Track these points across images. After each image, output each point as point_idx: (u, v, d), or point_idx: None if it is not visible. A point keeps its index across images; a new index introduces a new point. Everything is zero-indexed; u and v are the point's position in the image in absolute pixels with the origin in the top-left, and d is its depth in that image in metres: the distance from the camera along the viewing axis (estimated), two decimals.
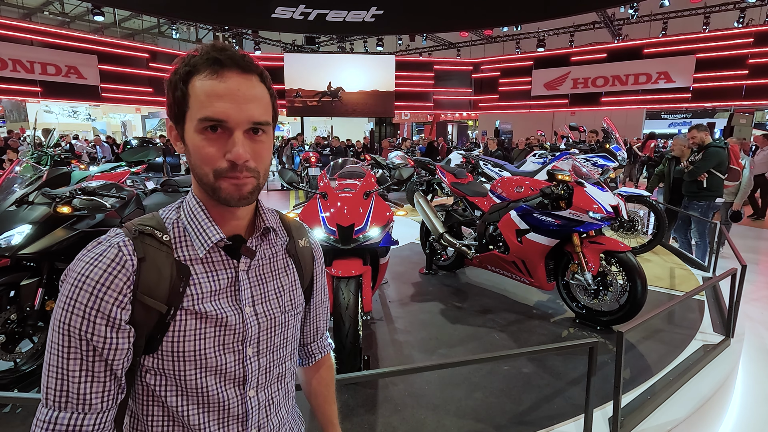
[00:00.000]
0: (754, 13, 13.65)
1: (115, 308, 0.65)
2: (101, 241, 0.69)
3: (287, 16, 13.41)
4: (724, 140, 5.04)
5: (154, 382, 0.71)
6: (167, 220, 0.75)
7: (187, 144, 0.70)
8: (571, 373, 2.60)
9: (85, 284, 0.64)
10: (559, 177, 3.14)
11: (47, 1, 17.01)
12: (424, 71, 18.76)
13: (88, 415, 0.65)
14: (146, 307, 0.67)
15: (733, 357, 2.83)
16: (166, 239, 0.71)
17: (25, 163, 2.76)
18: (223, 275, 0.74)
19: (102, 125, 21.01)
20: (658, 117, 24.35)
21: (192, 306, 0.70)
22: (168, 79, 0.71)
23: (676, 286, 4.02)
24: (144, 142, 6.63)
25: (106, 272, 0.65)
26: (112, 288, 0.65)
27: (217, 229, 0.73)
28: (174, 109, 0.70)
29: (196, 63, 0.68)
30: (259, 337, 0.77)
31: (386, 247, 2.77)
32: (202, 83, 0.67)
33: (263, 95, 0.71)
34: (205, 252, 0.72)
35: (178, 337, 0.69)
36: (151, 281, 0.68)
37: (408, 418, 2.19)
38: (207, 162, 0.68)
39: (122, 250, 0.67)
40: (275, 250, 0.82)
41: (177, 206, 0.77)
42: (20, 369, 2.43)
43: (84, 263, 0.65)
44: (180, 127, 0.71)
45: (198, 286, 0.71)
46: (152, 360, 0.70)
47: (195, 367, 0.71)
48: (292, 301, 0.83)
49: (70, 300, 0.64)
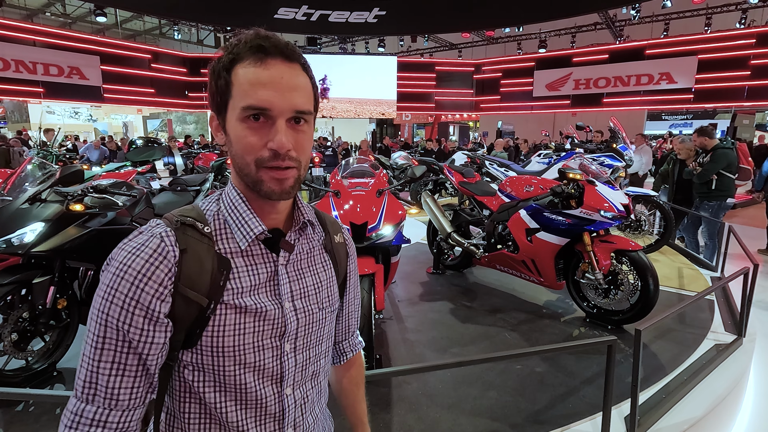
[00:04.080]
0: (756, 14, 13.67)
1: (154, 300, 0.63)
2: (143, 231, 0.67)
3: (290, 17, 13.42)
4: (732, 140, 5.04)
5: (192, 377, 0.69)
6: (207, 211, 0.73)
7: (229, 133, 0.68)
8: (584, 372, 2.59)
9: (126, 274, 0.62)
10: (570, 175, 3.13)
11: (49, 2, 17.01)
12: (425, 72, 18.77)
13: (114, 411, 0.64)
14: (187, 300, 0.65)
15: (746, 356, 2.82)
16: (207, 231, 0.70)
17: (36, 162, 2.75)
18: (263, 269, 0.73)
19: (104, 126, 21.01)
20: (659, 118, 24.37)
21: (232, 300, 0.69)
22: (210, 67, 0.70)
23: (685, 286, 4.01)
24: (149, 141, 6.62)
25: (148, 263, 0.63)
26: (153, 279, 0.63)
27: (259, 221, 0.71)
28: (216, 98, 0.69)
29: (240, 51, 0.66)
30: (297, 333, 0.75)
31: (398, 245, 2.77)
32: (245, 71, 0.65)
33: (306, 84, 0.69)
34: (246, 244, 0.71)
35: (218, 332, 0.68)
36: (193, 274, 0.66)
37: (423, 416, 2.17)
38: (249, 151, 0.66)
39: (164, 241, 0.65)
40: (312, 245, 0.81)
41: (216, 198, 0.75)
42: (32, 367, 2.42)
43: (126, 252, 0.64)
44: (222, 116, 0.69)
45: (238, 279, 0.70)
46: (191, 355, 0.68)
47: (234, 363, 0.69)
48: (330, 298, 0.82)
49: (110, 289, 0.63)
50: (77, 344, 2.60)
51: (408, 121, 22.35)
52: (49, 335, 2.46)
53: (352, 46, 19.38)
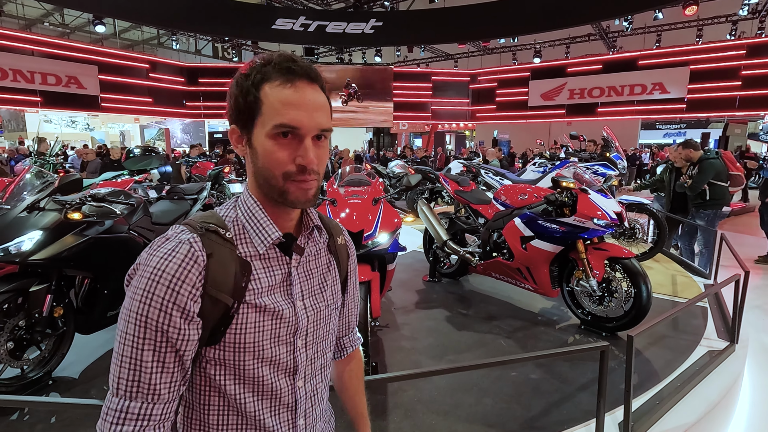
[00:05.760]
0: (746, 26, 13.92)
1: (189, 301, 0.68)
2: (169, 237, 0.72)
3: (288, 28, 13.55)
4: (716, 150, 5.14)
5: (214, 372, 0.74)
6: (227, 218, 0.78)
7: (256, 147, 0.74)
8: (579, 378, 2.61)
9: (162, 278, 0.67)
10: (563, 184, 3.18)
11: (47, 12, 17.11)
12: (422, 82, 18.94)
13: (157, 405, 0.69)
14: (214, 300, 0.71)
15: (739, 362, 2.85)
16: (228, 236, 0.75)
17: (35, 170, 2.77)
18: (278, 271, 0.79)
19: (101, 135, 21.01)
20: (653, 127, 24.64)
21: (253, 300, 0.74)
22: (236, 84, 0.74)
23: (679, 293, 4.05)
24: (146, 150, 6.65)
25: (182, 266, 0.68)
26: (187, 282, 0.68)
27: (275, 228, 0.77)
28: (244, 113, 0.73)
29: (270, 71, 0.72)
30: (308, 329, 0.82)
31: (394, 253, 2.79)
32: (275, 91, 0.71)
33: (326, 103, 0.76)
34: (265, 249, 0.77)
35: (241, 329, 0.73)
36: (219, 276, 0.71)
37: (419, 423, 2.18)
38: (277, 165, 0.72)
39: (194, 246, 0.70)
40: (319, 248, 0.87)
41: (233, 205, 0.81)
42: (27, 376, 2.41)
43: (159, 258, 0.69)
44: (247, 130, 0.74)
45: (258, 281, 0.75)
46: (214, 351, 0.73)
47: (253, 358, 0.75)
48: (334, 296, 0.88)
49: (148, 293, 0.67)
50: (73, 353, 2.60)
51: (405, 130, 22.49)
52: (45, 343, 2.45)
53: (349, 56, 19.54)
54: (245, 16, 13.22)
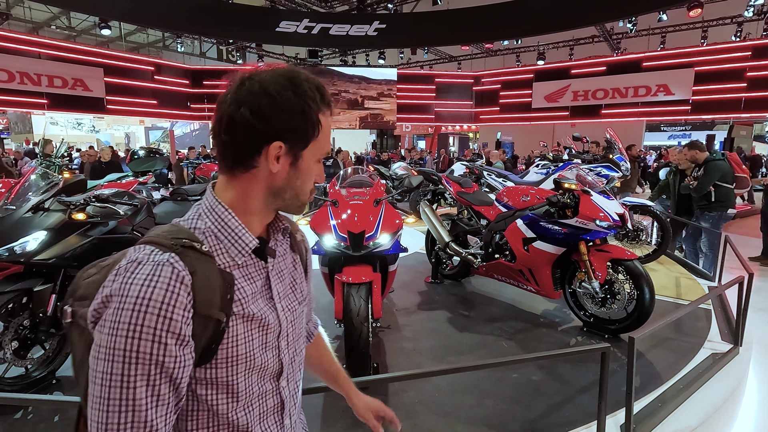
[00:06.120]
0: (751, 27, 13.84)
1: (183, 325, 0.64)
2: (141, 261, 0.65)
3: (291, 30, 13.61)
4: (722, 152, 5.10)
5: (205, 392, 0.71)
6: (196, 230, 0.73)
7: (301, 168, 0.76)
8: (580, 380, 2.60)
9: (149, 307, 0.61)
10: (565, 185, 3.18)
11: (54, 16, 17.28)
12: (425, 84, 18.96)
13: None
14: (205, 319, 0.67)
15: (743, 365, 2.83)
16: (205, 249, 0.70)
17: (40, 171, 2.80)
18: (257, 277, 0.78)
19: (106, 137, 21.17)
20: (658, 129, 24.53)
21: (241, 311, 0.73)
22: (298, 106, 0.72)
23: (683, 296, 4.03)
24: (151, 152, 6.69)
25: (169, 291, 0.63)
26: (179, 306, 0.63)
27: (251, 235, 0.75)
28: (303, 135, 0.74)
29: (323, 99, 0.76)
30: (288, 329, 0.82)
31: (395, 254, 2.80)
32: (326, 121, 0.77)
33: None
34: (243, 258, 0.75)
35: (232, 342, 0.71)
36: (206, 293, 0.67)
37: (420, 424, 2.18)
38: (310, 185, 0.80)
39: (175, 267, 0.65)
40: (285, 248, 0.87)
41: (196, 216, 0.75)
42: (31, 375, 2.43)
43: (138, 285, 0.62)
44: (296, 150, 0.74)
45: (242, 290, 0.74)
46: (204, 371, 0.70)
47: (245, 369, 0.73)
48: (303, 292, 0.90)
49: (135, 326, 0.61)
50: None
51: (408, 132, 22.51)
52: (49, 343, 2.47)
53: (352, 58, 19.59)
54: (249, 18, 13.29)
